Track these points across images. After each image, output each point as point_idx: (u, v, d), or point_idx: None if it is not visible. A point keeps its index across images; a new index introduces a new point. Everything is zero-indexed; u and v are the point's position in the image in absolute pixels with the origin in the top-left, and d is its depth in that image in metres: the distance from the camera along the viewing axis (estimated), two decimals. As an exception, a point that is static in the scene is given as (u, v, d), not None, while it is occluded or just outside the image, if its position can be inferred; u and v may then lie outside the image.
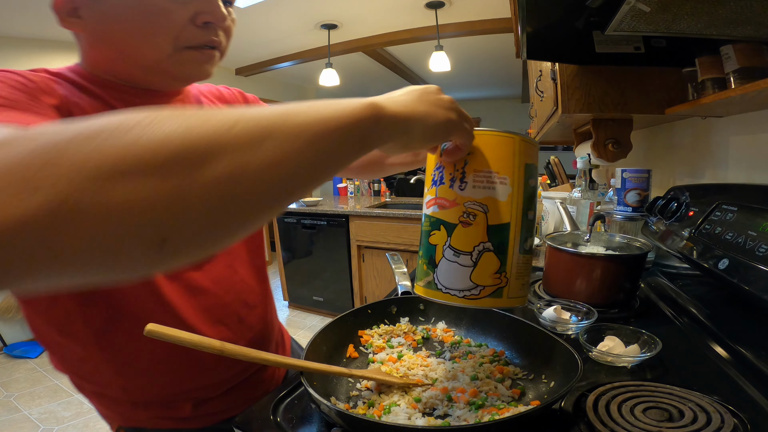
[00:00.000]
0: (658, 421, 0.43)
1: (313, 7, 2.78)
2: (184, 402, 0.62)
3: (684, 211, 0.80)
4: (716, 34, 0.66)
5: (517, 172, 0.42)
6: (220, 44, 0.56)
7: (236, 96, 0.76)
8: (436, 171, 0.44)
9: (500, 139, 0.41)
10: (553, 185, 2.40)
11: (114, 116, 0.21)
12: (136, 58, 0.53)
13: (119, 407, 0.61)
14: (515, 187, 0.41)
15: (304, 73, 4.69)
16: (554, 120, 1.17)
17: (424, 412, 0.48)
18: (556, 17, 0.84)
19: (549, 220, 1.52)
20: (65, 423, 1.97)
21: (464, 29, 3.09)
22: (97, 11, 0.50)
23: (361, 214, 2.88)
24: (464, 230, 0.41)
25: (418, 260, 0.47)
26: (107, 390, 0.59)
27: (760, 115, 0.78)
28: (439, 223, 0.42)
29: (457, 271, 0.42)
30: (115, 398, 0.60)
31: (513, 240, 0.42)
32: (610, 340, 0.60)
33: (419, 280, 0.46)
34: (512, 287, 0.43)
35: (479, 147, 0.41)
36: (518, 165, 0.42)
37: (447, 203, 0.42)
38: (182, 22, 0.51)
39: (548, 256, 0.86)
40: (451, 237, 0.41)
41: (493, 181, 0.41)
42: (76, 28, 0.52)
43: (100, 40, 0.53)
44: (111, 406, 0.62)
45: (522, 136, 0.43)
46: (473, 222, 0.41)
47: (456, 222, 0.41)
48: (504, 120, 6.95)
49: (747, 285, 0.52)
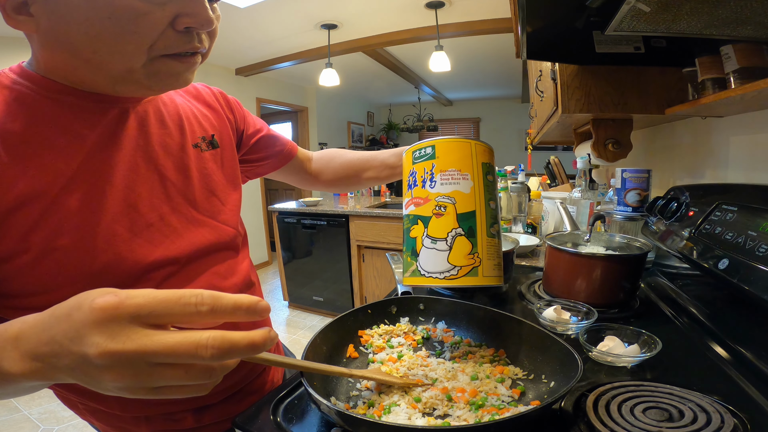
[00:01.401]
0: (658, 421, 0.43)
1: (313, 7, 2.78)
2: (184, 413, 0.60)
3: (684, 211, 0.80)
4: (716, 34, 0.66)
5: (476, 169, 0.49)
6: (203, 48, 0.49)
7: (216, 96, 0.70)
8: (410, 176, 0.52)
9: (459, 143, 0.49)
10: (553, 185, 2.40)
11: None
12: (102, 67, 0.45)
13: (120, 423, 0.59)
14: (476, 181, 0.49)
15: (304, 73, 4.69)
16: (554, 120, 1.17)
17: (424, 412, 0.48)
18: (556, 17, 0.84)
19: (549, 220, 1.52)
20: (65, 423, 1.97)
21: (464, 29, 3.09)
22: (52, 9, 0.41)
23: (361, 214, 2.88)
24: (438, 220, 0.48)
25: (402, 256, 0.53)
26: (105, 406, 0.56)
27: (760, 115, 0.78)
28: (417, 218, 0.50)
29: (436, 256, 0.48)
30: (116, 415, 0.57)
31: (480, 225, 0.49)
32: (610, 340, 0.60)
33: (405, 272, 0.52)
34: (485, 267, 0.49)
35: (443, 152, 0.49)
36: (476, 163, 0.49)
37: (421, 201, 0.50)
38: (160, 27, 0.43)
39: (548, 256, 0.86)
40: (427, 228, 0.49)
41: (457, 178, 0.49)
42: (26, 27, 0.43)
43: (57, 43, 0.44)
44: (111, 422, 0.59)
45: (477, 141, 0.51)
46: (444, 213, 0.48)
47: (430, 215, 0.49)
48: (504, 120, 6.95)
49: (747, 285, 0.52)
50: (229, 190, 0.65)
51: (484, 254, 0.49)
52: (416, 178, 0.50)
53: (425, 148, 0.50)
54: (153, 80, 0.47)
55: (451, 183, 0.48)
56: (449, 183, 0.48)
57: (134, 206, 0.52)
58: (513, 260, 0.92)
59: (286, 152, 0.82)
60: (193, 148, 0.60)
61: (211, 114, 0.67)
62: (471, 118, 7.32)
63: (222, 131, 0.67)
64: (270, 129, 0.81)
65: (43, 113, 0.46)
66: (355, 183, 0.90)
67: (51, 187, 0.45)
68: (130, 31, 0.42)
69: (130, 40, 0.43)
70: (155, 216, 0.53)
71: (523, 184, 1.48)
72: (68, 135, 0.47)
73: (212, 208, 0.61)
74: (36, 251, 0.44)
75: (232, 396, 0.65)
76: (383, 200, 3.59)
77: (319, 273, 3.20)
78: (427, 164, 0.49)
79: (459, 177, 0.49)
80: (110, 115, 0.51)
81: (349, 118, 6.67)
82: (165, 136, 0.57)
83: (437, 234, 0.48)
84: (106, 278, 0.48)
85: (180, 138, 0.59)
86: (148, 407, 0.57)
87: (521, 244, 1.19)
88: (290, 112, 5.68)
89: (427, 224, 0.48)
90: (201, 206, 0.60)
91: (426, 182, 0.49)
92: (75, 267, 0.46)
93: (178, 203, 0.57)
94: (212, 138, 0.64)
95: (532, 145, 2.77)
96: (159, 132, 0.56)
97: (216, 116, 0.67)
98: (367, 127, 7.35)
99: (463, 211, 0.48)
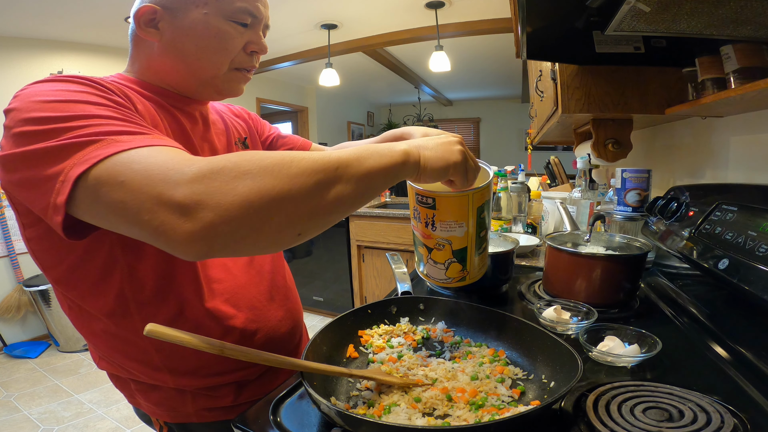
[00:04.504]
0: (658, 421, 0.43)
1: (313, 7, 2.78)
2: (226, 388, 0.66)
3: (684, 211, 0.80)
4: (716, 34, 0.66)
5: (471, 217, 0.58)
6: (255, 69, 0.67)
7: (242, 110, 0.88)
8: (415, 212, 0.61)
9: (457, 198, 0.56)
10: (553, 185, 2.41)
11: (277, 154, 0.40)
12: (198, 72, 0.61)
13: (169, 401, 0.64)
14: (470, 226, 0.58)
15: (304, 73, 4.69)
16: (554, 120, 1.17)
17: (424, 412, 0.48)
18: (556, 17, 0.84)
19: (549, 220, 1.52)
20: (65, 423, 1.97)
21: (464, 29, 3.09)
22: (176, 26, 0.58)
23: (361, 214, 2.88)
24: (438, 252, 0.61)
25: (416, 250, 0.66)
26: (154, 377, 0.62)
27: (760, 115, 0.78)
28: (422, 245, 0.62)
29: (436, 270, 0.63)
30: (163, 388, 0.64)
31: (470, 254, 0.61)
32: (610, 340, 0.60)
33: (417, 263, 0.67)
34: (472, 275, 0.64)
35: (442, 206, 0.57)
36: (471, 212, 0.58)
37: (426, 237, 0.61)
38: (238, 48, 0.61)
39: (548, 256, 0.86)
40: (431, 254, 0.62)
41: (453, 227, 0.58)
42: (152, 37, 0.58)
43: (172, 51, 0.59)
44: (161, 401, 0.65)
45: (474, 190, 0.56)
46: (443, 249, 0.60)
47: (432, 247, 0.61)
48: (504, 120, 6.96)
49: (747, 285, 0.52)
50: None
51: (471, 269, 0.63)
52: (420, 216, 0.60)
53: (427, 198, 0.57)
54: (226, 86, 0.64)
55: (448, 230, 0.58)
56: (446, 230, 0.58)
57: None
58: (513, 260, 0.92)
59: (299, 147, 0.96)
60: (235, 146, 0.76)
61: (242, 121, 0.84)
62: (471, 118, 7.32)
63: (250, 136, 0.83)
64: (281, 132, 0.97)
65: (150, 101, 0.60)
66: None
67: None
68: (224, 48, 0.60)
69: (223, 54, 0.60)
70: None
71: (523, 184, 1.48)
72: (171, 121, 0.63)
73: None
74: None
75: (265, 373, 0.70)
76: (383, 200, 3.58)
77: (319, 273, 3.20)
78: (428, 212, 0.58)
79: (455, 226, 0.58)
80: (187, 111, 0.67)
81: (349, 118, 6.67)
82: (219, 133, 0.73)
83: (437, 259, 0.62)
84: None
85: (227, 135, 0.75)
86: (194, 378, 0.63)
87: (521, 244, 1.19)
88: (290, 112, 5.68)
89: (430, 252, 0.62)
90: None
91: (429, 225, 0.59)
92: None
93: None
94: (245, 140, 0.80)
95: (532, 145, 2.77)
96: (215, 130, 0.73)
97: (245, 124, 0.84)
98: (367, 127, 7.35)
99: (457, 248, 0.60)
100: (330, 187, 0.41)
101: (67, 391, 2.25)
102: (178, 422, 0.66)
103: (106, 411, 2.07)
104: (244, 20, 0.61)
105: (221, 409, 0.66)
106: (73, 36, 2.99)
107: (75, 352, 2.74)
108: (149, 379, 0.63)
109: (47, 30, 2.80)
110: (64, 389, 2.28)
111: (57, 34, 2.90)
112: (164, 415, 0.66)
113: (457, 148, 0.52)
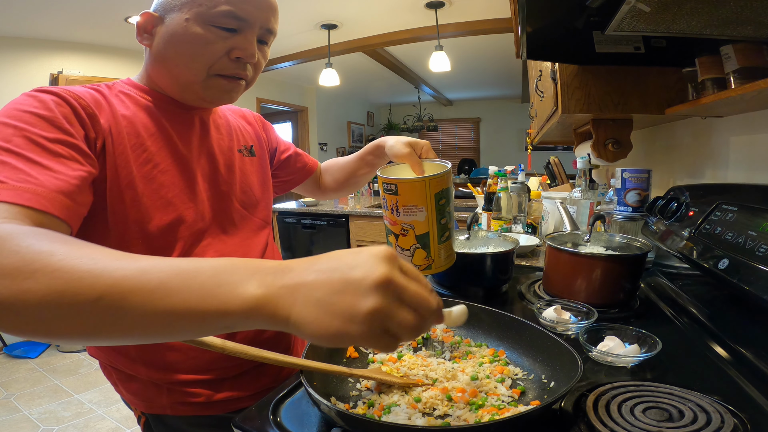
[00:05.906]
0: (658, 421, 0.43)
1: (313, 7, 2.78)
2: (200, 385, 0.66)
3: (684, 211, 0.80)
4: (716, 34, 0.66)
5: (429, 202, 0.63)
6: (247, 76, 0.66)
7: (256, 119, 0.89)
8: (383, 200, 0.67)
9: (416, 183, 0.62)
10: (553, 185, 2.40)
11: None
12: (176, 77, 0.63)
13: (146, 392, 0.66)
14: (429, 211, 0.63)
15: (304, 73, 4.69)
16: (554, 120, 1.17)
17: (424, 412, 0.48)
18: (556, 17, 0.84)
19: (549, 220, 1.52)
20: (65, 423, 1.97)
21: (464, 29, 3.09)
22: (161, 32, 0.61)
23: (361, 214, 2.88)
24: (403, 238, 0.66)
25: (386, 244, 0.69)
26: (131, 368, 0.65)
27: (760, 115, 0.78)
28: (391, 232, 0.68)
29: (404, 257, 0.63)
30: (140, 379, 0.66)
31: (432, 240, 0.65)
32: (610, 340, 0.60)
33: None
34: (436, 264, 0.68)
35: (403, 191, 0.63)
36: (429, 197, 0.63)
37: (392, 223, 0.66)
38: (219, 54, 0.61)
39: (548, 256, 0.86)
40: (398, 240, 0.67)
41: (414, 211, 0.63)
42: (146, 43, 0.62)
43: (159, 57, 0.63)
44: (139, 392, 0.67)
45: (431, 177, 0.62)
46: (407, 234, 0.65)
47: (399, 233, 0.66)
48: (504, 120, 6.95)
49: (747, 285, 0.52)
50: (261, 190, 0.81)
51: (435, 256, 0.67)
52: (387, 204, 0.66)
53: (390, 185, 0.64)
54: (207, 93, 0.64)
55: (410, 215, 0.64)
56: (408, 214, 0.64)
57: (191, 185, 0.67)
58: (513, 260, 0.92)
59: (308, 168, 0.99)
60: (237, 152, 0.77)
61: (251, 129, 0.85)
62: (471, 118, 7.32)
63: (258, 144, 0.84)
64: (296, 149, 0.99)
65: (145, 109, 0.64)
66: (353, 184, 1.01)
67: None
68: (200, 53, 0.60)
69: (198, 60, 0.60)
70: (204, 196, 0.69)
71: (523, 184, 1.48)
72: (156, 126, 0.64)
73: (248, 200, 0.77)
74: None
75: (244, 373, 0.70)
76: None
77: (319, 273, 3.19)
78: (393, 198, 0.64)
79: (416, 210, 0.63)
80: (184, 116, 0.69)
81: (349, 118, 6.67)
82: (219, 139, 0.74)
83: (404, 245, 0.67)
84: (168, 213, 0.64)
85: (229, 142, 0.76)
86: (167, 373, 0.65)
87: (521, 244, 1.19)
88: (290, 112, 5.68)
89: (397, 239, 0.67)
90: (238, 198, 0.75)
91: (394, 211, 0.65)
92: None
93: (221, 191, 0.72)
94: (251, 148, 0.81)
95: (532, 145, 2.77)
96: (216, 136, 0.74)
97: (254, 132, 0.85)
98: (367, 127, 7.35)
99: (419, 233, 0.65)
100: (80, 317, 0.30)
101: (67, 391, 2.25)
102: (154, 413, 0.68)
103: (106, 411, 2.07)
104: (228, 24, 0.60)
105: (196, 405, 0.67)
106: (73, 36, 2.98)
107: (75, 352, 2.74)
108: (127, 369, 0.66)
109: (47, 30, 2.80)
110: (64, 389, 2.28)
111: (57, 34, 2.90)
112: (141, 405, 0.68)
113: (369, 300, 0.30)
